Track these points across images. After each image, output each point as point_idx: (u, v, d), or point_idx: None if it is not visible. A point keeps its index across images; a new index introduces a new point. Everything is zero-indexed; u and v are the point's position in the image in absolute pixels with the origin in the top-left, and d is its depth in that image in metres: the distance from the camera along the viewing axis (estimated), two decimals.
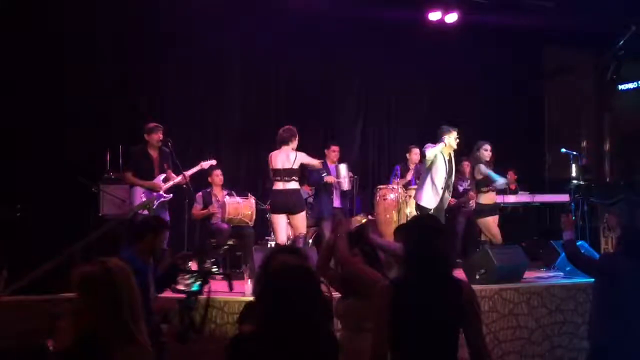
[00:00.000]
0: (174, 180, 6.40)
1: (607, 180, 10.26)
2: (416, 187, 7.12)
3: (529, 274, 6.42)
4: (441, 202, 6.60)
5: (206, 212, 7.24)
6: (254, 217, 7.17)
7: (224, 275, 3.85)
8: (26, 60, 6.88)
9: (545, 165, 10.36)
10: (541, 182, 9.58)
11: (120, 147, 6.83)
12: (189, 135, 8.26)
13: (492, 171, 7.07)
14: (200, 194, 7.30)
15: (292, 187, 6.39)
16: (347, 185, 7.41)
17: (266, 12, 8.26)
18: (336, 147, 7.75)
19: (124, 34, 7.74)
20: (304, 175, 7.16)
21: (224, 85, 8.58)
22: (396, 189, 7.39)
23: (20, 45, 6.86)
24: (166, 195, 6.33)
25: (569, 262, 4.86)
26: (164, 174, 6.40)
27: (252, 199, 7.25)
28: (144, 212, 6.02)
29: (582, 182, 7.98)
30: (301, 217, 6.48)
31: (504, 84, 9.66)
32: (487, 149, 7.07)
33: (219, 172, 7.49)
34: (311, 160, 6.54)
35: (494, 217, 7.18)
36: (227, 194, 7.35)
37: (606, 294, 3.90)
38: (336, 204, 7.49)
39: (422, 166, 7.28)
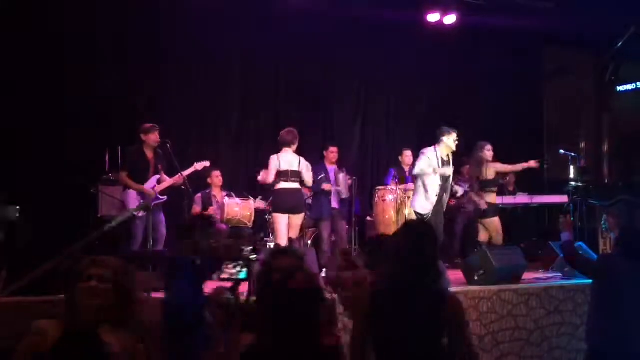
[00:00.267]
0: (168, 182, 6.35)
1: (606, 181, 10.28)
2: (413, 187, 7.12)
3: (528, 275, 6.42)
4: (439, 204, 6.58)
5: (204, 214, 7.26)
6: (252, 218, 7.18)
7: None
8: (26, 60, 6.89)
9: (544, 166, 10.36)
10: (540, 183, 9.58)
11: (119, 148, 6.83)
12: (189, 135, 8.26)
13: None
14: (199, 195, 7.31)
15: (296, 187, 6.43)
16: (345, 193, 7.45)
17: (266, 12, 8.27)
18: (335, 148, 7.76)
19: (124, 34, 7.75)
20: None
21: (224, 85, 8.59)
22: (395, 190, 7.39)
23: (20, 45, 6.87)
24: (161, 197, 6.29)
25: (568, 263, 4.87)
26: (158, 176, 6.38)
27: (251, 200, 7.27)
28: (139, 214, 6.03)
29: (580, 184, 7.98)
30: (300, 219, 6.50)
31: (503, 84, 9.66)
32: (490, 149, 7.07)
33: (218, 173, 7.51)
34: (309, 177, 6.57)
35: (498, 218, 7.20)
36: (226, 195, 7.36)
37: (604, 295, 3.91)
38: (334, 205, 7.50)
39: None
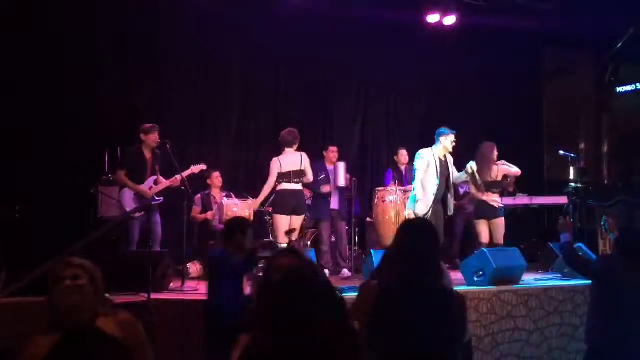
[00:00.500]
0: (165, 183, 6.33)
1: (605, 182, 10.28)
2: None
3: (527, 276, 6.42)
4: (438, 205, 6.59)
5: (204, 216, 7.27)
6: (251, 219, 7.17)
7: None
8: (26, 60, 6.89)
9: (543, 167, 10.37)
10: (540, 184, 9.58)
11: (119, 148, 6.83)
12: (189, 135, 8.26)
13: None
14: (199, 196, 7.31)
15: (298, 188, 6.43)
16: (343, 182, 7.40)
17: (266, 12, 8.26)
18: (334, 147, 7.76)
19: (124, 34, 7.74)
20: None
21: (224, 85, 8.58)
22: (395, 190, 7.39)
23: (20, 45, 6.87)
24: (157, 198, 6.25)
25: (567, 264, 4.87)
26: (155, 177, 6.36)
27: (250, 201, 7.27)
28: (136, 215, 6.02)
29: (580, 184, 7.98)
30: (301, 220, 6.52)
31: (502, 85, 9.67)
32: (495, 150, 7.09)
33: (218, 174, 7.51)
34: (310, 173, 6.57)
35: None
36: (225, 195, 7.36)
37: (604, 296, 3.91)
38: (334, 205, 7.50)
39: (410, 167, 7.28)
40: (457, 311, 2.56)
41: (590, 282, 4.23)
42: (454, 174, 6.74)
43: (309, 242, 7.60)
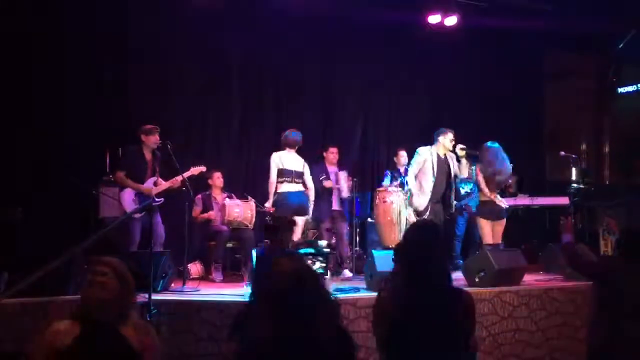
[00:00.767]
0: (164, 184, 6.33)
1: (607, 183, 10.27)
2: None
3: (529, 276, 6.42)
4: (437, 204, 6.60)
5: (205, 216, 7.26)
6: (253, 220, 7.17)
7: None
8: (26, 60, 6.89)
9: (545, 167, 10.36)
10: (541, 185, 9.57)
11: (119, 149, 6.82)
12: (189, 136, 8.25)
13: None
14: (199, 196, 7.30)
15: (300, 188, 6.44)
16: (346, 192, 7.44)
17: (266, 12, 8.26)
18: (334, 148, 7.75)
19: (124, 34, 7.73)
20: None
21: (224, 86, 8.58)
22: (396, 191, 7.38)
23: (20, 45, 6.87)
24: (157, 199, 6.23)
25: (569, 265, 4.87)
26: (155, 178, 6.36)
27: (251, 202, 7.27)
28: (134, 215, 6.02)
29: (582, 185, 7.98)
30: (303, 220, 6.52)
31: (504, 86, 9.66)
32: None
33: (219, 175, 7.51)
34: (311, 180, 6.59)
35: None
36: (227, 196, 7.36)
37: (605, 297, 3.90)
38: (335, 206, 7.50)
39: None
40: (465, 310, 2.54)
41: (591, 282, 4.23)
42: (459, 172, 6.78)
43: None
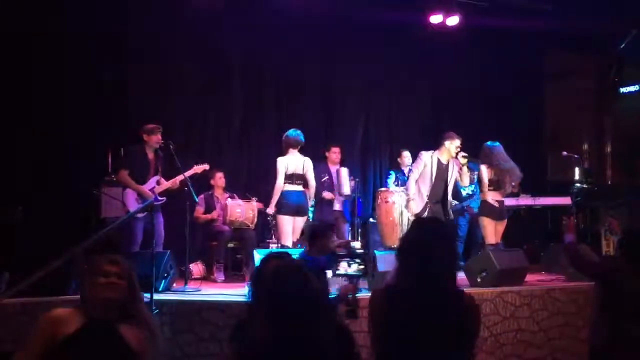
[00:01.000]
0: (167, 184, 6.34)
1: (609, 183, 10.25)
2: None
3: (531, 276, 6.42)
4: (437, 205, 6.60)
5: (209, 217, 7.25)
6: (255, 220, 7.18)
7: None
8: (27, 59, 6.89)
9: (546, 167, 10.34)
10: (543, 185, 9.56)
11: (121, 149, 6.83)
12: (190, 136, 8.24)
13: None
14: (201, 196, 7.30)
15: (300, 189, 6.44)
16: (349, 190, 7.42)
17: (266, 12, 8.26)
18: (337, 148, 7.75)
19: (125, 34, 7.73)
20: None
21: (225, 86, 8.58)
22: (398, 191, 7.39)
23: (20, 45, 6.87)
24: (159, 198, 6.23)
25: (571, 265, 4.86)
26: (157, 177, 6.37)
27: (253, 202, 7.27)
28: (139, 216, 6.02)
29: (585, 185, 7.96)
30: (303, 221, 6.52)
31: (505, 86, 9.65)
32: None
33: (221, 175, 7.51)
34: (312, 180, 6.59)
35: None
36: (229, 196, 7.37)
37: (606, 297, 3.90)
38: (337, 207, 7.50)
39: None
40: (468, 313, 2.49)
41: (593, 282, 4.22)
42: (459, 180, 6.79)
43: None
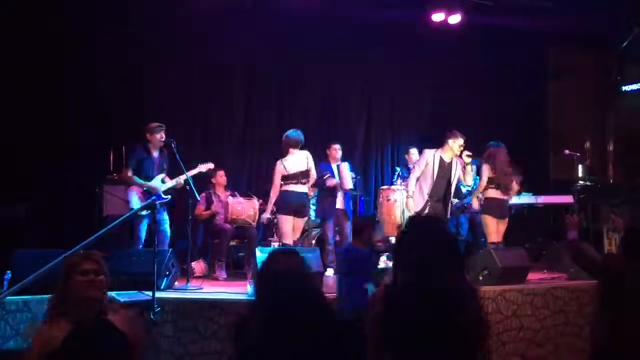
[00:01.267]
0: (171, 183, 6.35)
1: (611, 181, 10.23)
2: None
3: (532, 275, 6.41)
4: (438, 203, 6.61)
5: (209, 212, 7.25)
6: (257, 218, 7.18)
7: None
8: (27, 59, 6.90)
9: (549, 166, 10.33)
10: (545, 183, 9.55)
11: (124, 147, 6.84)
12: (192, 137, 8.25)
13: None
14: (203, 194, 7.31)
15: (304, 190, 6.44)
16: (350, 184, 7.39)
17: (267, 12, 8.26)
18: (337, 145, 7.74)
19: (126, 34, 7.73)
20: None
21: (226, 86, 8.59)
22: (400, 189, 7.38)
23: (22, 44, 6.88)
24: (164, 196, 6.26)
25: (573, 261, 4.85)
26: (163, 175, 6.37)
27: (255, 200, 7.27)
28: (141, 213, 6.01)
29: (588, 183, 7.95)
30: (303, 222, 6.53)
31: (507, 84, 9.64)
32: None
33: (222, 173, 7.51)
34: (314, 171, 6.59)
35: None
36: (230, 194, 7.37)
37: (608, 295, 3.89)
38: (339, 205, 7.49)
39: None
40: (472, 310, 2.44)
41: (595, 280, 4.21)
42: (462, 179, 6.79)
43: (314, 241, 7.60)
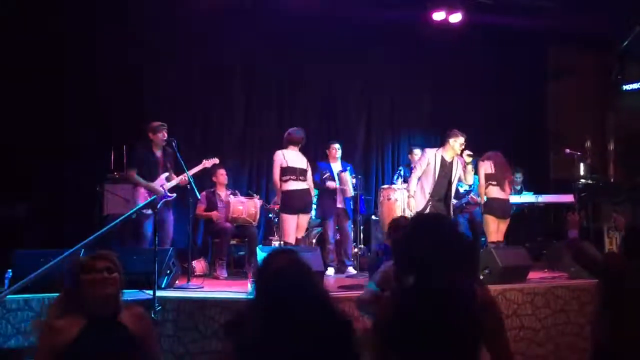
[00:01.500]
0: (176, 180, 6.36)
1: (612, 180, 10.23)
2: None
3: (533, 274, 6.41)
4: (439, 202, 6.61)
5: (209, 215, 7.24)
6: (257, 217, 7.18)
7: None
8: (28, 59, 6.91)
9: (549, 165, 10.33)
10: (545, 183, 9.55)
11: (124, 147, 6.84)
12: (192, 137, 8.25)
13: None
14: (204, 193, 7.31)
15: (305, 187, 6.44)
16: (353, 192, 7.40)
17: (267, 12, 8.25)
18: (337, 145, 7.74)
19: (126, 34, 7.73)
20: None
21: (226, 86, 8.59)
22: (400, 189, 7.38)
23: (21, 44, 6.88)
24: (170, 194, 6.30)
25: (573, 260, 4.85)
26: (167, 173, 6.39)
27: (256, 198, 7.27)
28: (147, 212, 6.02)
29: (590, 181, 7.95)
30: (308, 218, 6.53)
31: (507, 84, 9.64)
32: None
33: (223, 172, 7.51)
34: (310, 180, 6.61)
35: None
36: (231, 193, 7.37)
37: (609, 295, 3.89)
38: (339, 204, 7.49)
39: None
40: (477, 311, 2.41)
41: (596, 280, 4.21)
42: (463, 178, 6.79)
43: (314, 240, 7.60)
